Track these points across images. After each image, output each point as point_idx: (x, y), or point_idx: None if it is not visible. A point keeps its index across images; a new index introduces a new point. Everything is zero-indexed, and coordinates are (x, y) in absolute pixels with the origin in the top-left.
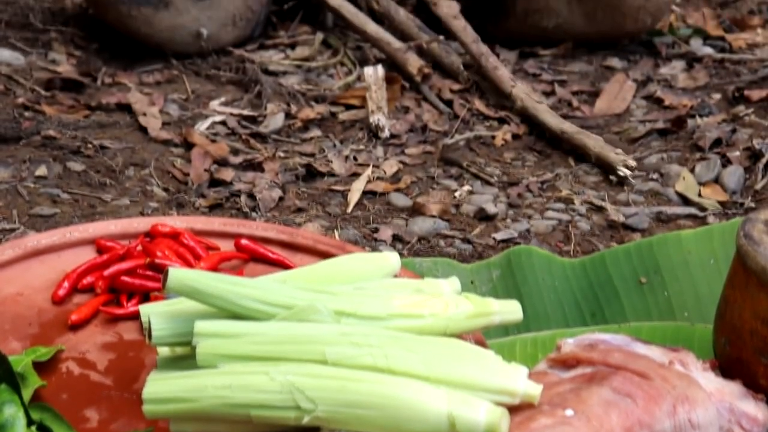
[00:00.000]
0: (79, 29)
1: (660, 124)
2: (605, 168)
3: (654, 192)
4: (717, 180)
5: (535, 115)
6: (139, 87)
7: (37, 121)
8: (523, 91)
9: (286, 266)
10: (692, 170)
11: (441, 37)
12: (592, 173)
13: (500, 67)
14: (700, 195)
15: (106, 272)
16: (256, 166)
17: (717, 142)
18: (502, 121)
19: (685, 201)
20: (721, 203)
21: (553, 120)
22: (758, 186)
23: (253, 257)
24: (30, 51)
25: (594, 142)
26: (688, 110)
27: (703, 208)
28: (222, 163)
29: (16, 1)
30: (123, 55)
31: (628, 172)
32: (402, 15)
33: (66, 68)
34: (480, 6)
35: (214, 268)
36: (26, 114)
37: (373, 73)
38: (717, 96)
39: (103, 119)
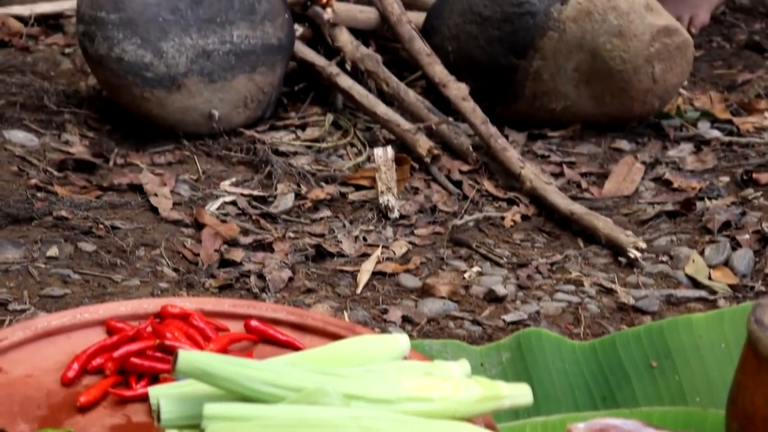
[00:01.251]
0: (92, 111)
1: (669, 207)
2: (615, 250)
3: (664, 274)
4: (727, 263)
5: (544, 197)
6: (151, 167)
7: (49, 202)
8: (532, 173)
9: (295, 348)
10: (702, 253)
11: (450, 119)
12: (601, 255)
13: (509, 149)
14: (710, 278)
15: (116, 354)
16: (265, 247)
17: (726, 225)
18: (511, 202)
19: (695, 284)
20: (732, 286)
21: (562, 201)
22: None
23: (262, 339)
24: (44, 132)
25: (603, 224)
26: (697, 193)
27: (713, 291)
28: (232, 243)
29: (32, 83)
30: (135, 136)
31: (638, 254)
32: (411, 96)
33: (79, 149)
34: (489, 88)
35: (224, 350)
36: (39, 195)
37: (383, 154)
38: (725, 179)
39: (115, 200)
